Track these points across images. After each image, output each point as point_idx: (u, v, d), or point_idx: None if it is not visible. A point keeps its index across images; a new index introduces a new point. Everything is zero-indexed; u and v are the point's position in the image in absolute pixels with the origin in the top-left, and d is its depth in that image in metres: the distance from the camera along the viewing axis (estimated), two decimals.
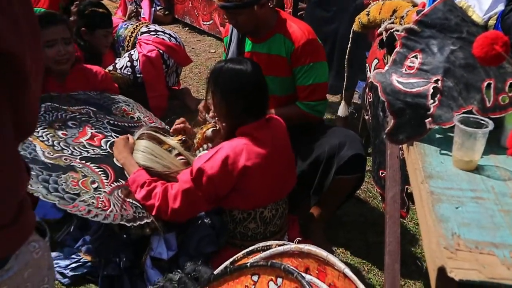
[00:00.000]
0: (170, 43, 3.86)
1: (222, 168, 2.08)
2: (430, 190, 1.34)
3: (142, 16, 6.40)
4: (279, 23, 2.63)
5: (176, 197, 2.13)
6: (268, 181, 2.21)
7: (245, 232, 2.27)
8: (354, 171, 2.48)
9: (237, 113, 2.16)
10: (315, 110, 2.63)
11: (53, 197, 2.06)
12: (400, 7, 2.59)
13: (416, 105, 1.55)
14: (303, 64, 2.57)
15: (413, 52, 1.64)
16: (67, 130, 2.54)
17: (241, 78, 2.15)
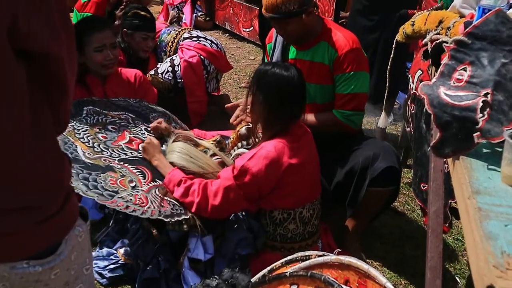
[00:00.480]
0: (211, 49, 3.90)
1: (266, 166, 2.12)
2: (478, 206, 1.30)
3: (183, 21, 6.51)
4: (325, 31, 2.63)
5: (217, 194, 2.15)
6: (307, 179, 2.26)
7: (285, 233, 2.29)
8: (388, 184, 2.46)
9: (276, 116, 2.21)
10: (350, 120, 2.60)
11: (93, 193, 2.11)
12: (446, 17, 2.54)
13: (464, 119, 1.51)
14: (344, 72, 2.56)
15: (462, 64, 1.60)
16: (107, 133, 2.60)
17: (285, 83, 2.20)
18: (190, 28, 4.32)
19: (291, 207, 2.26)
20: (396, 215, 3.10)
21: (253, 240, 2.25)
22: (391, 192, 2.55)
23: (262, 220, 2.30)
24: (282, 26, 2.55)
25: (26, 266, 1.17)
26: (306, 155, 2.25)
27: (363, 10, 3.72)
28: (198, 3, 6.92)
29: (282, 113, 2.20)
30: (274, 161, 2.13)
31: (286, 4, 2.45)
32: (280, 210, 2.26)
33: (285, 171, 2.15)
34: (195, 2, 6.78)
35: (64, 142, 2.41)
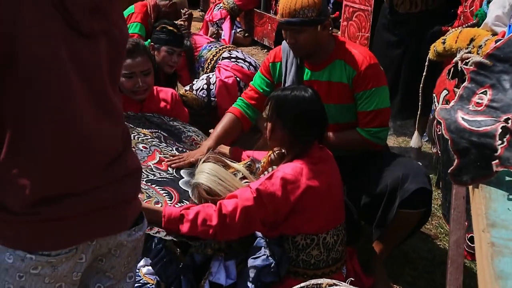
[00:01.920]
0: (248, 72, 3.88)
1: (283, 186, 2.08)
2: (491, 241, 1.23)
3: (222, 37, 6.58)
4: (338, 49, 2.56)
5: (235, 214, 2.09)
6: (329, 203, 2.21)
7: (308, 259, 2.23)
8: (419, 206, 2.36)
9: (298, 140, 2.18)
10: (376, 137, 2.53)
11: None
12: (478, 35, 2.46)
13: (482, 145, 1.43)
14: (365, 89, 2.49)
15: (482, 87, 1.53)
16: (137, 152, 2.60)
17: (307, 106, 2.17)
18: (231, 47, 4.30)
19: (314, 232, 2.20)
20: (428, 238, 2.99)
21: (276, 267, 2.20)
22: (422, 214, 2.45)
23: (285, 245, 2.24)
24: (294, 34, 2.48)
25: (134, 233, 1.38)
26: (328, 178, 2.19)
27: (388, 24, 3.65)
28: (237, 20, 6.99)
29: (303, 136, 2.17)
30: (291, 182, 2.09)
31: (305, 9, 2.40)
32: (303, 235, 2.20)
33: (304, 193, 2.10)
34: (234, 19, 6.86)
35: None
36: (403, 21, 3.63)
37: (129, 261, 1.42)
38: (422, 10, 3.56)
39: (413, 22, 3.56)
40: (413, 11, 3.58)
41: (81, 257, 1.28)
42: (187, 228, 2.11)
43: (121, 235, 1.34)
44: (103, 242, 1.31)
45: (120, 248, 1.36)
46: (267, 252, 2.19)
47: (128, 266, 1.43)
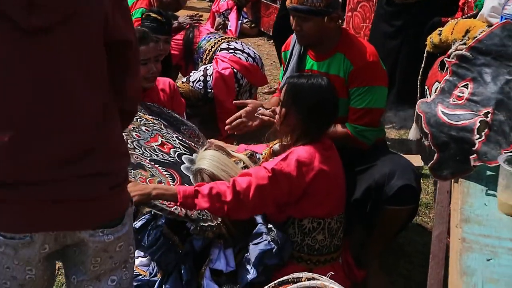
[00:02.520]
0: (245, 63, 3.85)
1: (298, 167, 2.09)
2: (462, 236, 1.22)
3: (229, 28, 6.56)
4: (342, 42, 2.54)
5: (248, 191, 2.08)
6: (336, 190, 2.23)
7: (313, 244, 2.24)
8: (406, 203, 2.34)
9: (312, 127, 2.19)
10: (362, 136, 2.49)
11: None
12: (474, 27, 2.41)
13: (461, 140, 1.42)
14: (359, 86, 2.46)
15: (463, 81, 1.51)
16: (140, 133, 2.61)
17: (324, 94, 2.19)
18: (231, 38, 4.27)
19: (321, 217, 2.21)
20: (424, 231, 2.96)
21: (279, 252, 2.20)
22: (410, 210, 2.43)
23: (290, 229, 2.24)
24: (300, 21, 2.46)
25: (101, 234, 1.37)
26: (336, 165, 2.23)
27: (385, 15, 3.59)
28: (244, 10, 6.95)
29: (317, 124, 2.19)
30: (306, 164, 2.11)
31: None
32: (310, 218, 2.21)
33: (316, 176, 2.11)
34: (241, 9, 6.82)
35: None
36: (400, 11, 3.55)
37: (101, 263, 1.42)
38: (420, 0, 3.48)
39: (411, 13, 3.49)
40: (410, 1, 3.50)
41: (44, 247, 1.31)
42: (203, 204, 2.10)
43: (82, 233, 1.35)
44: (67, 234, 1.34)
45: (82, 246, 1.37)
46: (268, 238, 2.19)
47: (102, 267, 1.43)
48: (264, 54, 5.96)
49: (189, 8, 7.86)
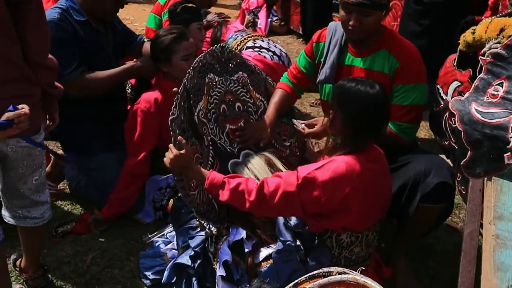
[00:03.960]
0: (269, 62, 3.83)
1: (332, 180, 2.03)
2: (496, 233, 1.22)
3: (258, 26, 6.58)
4: (385, 38, 2.52)
5: (275, 196, 2.08)
6: (378, 203, 2.19)
7: (349, 256, 2.23)
8: (441, 200, 2.32)
9: (356, 135, 2.11)
10: (404, 133, 2.49)
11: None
12: (508, 25, 2.37)
13: (495, 137, 1.42)
14: (405, 83, 2.45)
15: (498, 79, 1.51)
16: (230, 109, 2.60)
17: (369, 102, 2.08)
18: (258, 36, 4.25)
19: (360, 231, 2.19)
20: (454, 231, 2.94)
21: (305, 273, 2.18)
22: (443, 209, 2.41)
23: (328, 242, 2.21)
24: (360, 16, 2.40)
25: (26, 142, 2.02)
26: (379, 177, 2.15)
27: (414, 14, 3.57)
28: (273, 8, 6.98)
29: (362, 133, 2.10)
30: (342, 177, 2.03)
31: None
32: (349, 233, 2.18)
33: (351, 192, 2.04)
34: (270, 7, 6.84)
35: (199, 87, 2.45)
36: (428, 10, 3.54)
37: (27, 165, 2.11)
38: None
39: (438, 12, 3.47)
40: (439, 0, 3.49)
41: None
42: (226, 196, 2.15)
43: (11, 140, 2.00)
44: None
45: (12, 152, 2.05)
46: (298, 257, 2.16)
47: (27, 169, 2.12)
48: (294, 52, 5.96)
49: (219, 6, 7.93)
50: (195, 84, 2.41)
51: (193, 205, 2.30)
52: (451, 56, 2.22)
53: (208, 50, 2.55)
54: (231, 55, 2.66)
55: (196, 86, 2.42)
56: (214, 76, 2.53)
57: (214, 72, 2.53)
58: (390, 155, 2.52)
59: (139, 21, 7.24)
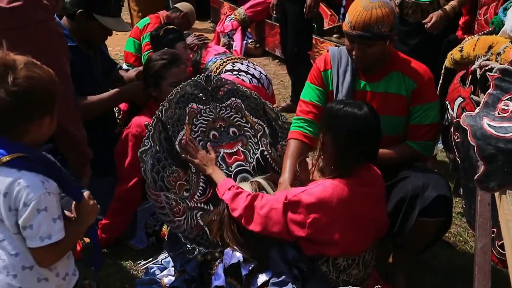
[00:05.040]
0: (248, 85, 3.69)
1: (318, 202, 2.05)
2: None
3: (234, 48, 6.61)
4: (394, 61, 2.54)
5: (263, 208, 2.13)
6: (373, 224, 2.20)
7: (348, 279, 2.22)
8: (439, 214, 2.35)
9: (346, 157, 2.12)
10: (427, 150, 2.55)
11: (150, 176, 2.29)
12: (496, 43, 2.46)
13: (510, 152, 1.45)
14: (423, 102, 2.48)
15: (507, 94, 1.55)
16: (222, 134, 2.58)
17: (358, 124, 2.09)
18: (237, 58, 4.20)
19: (356, 254, 2.19)
20: (448, 246, 2.98)
21: None
22: (442, 223, 2.43)
23: (324, 267, 2.19)
24: (363, 47, 2.41)
25: None
26: (371, 200, 2.15)
27: (400, 34, 3.63)
28: (248, 31, 7.02)
29: (352, 156, 2.11)
30: (328, 202, 2.04)
31: (379, 24, 2.35)
32: (345, 256, 2.18)
33: (340, 217, 2.06)
34: (245, 30, 6.89)
35: (178, 118, 2.45)
36: (414, 30, 3.63)
37: None
38: None
39: (425, 31, 3.56)
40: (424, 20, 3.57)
41: None
42: (228, 196, 2.24)
43: None
44: None
45: None
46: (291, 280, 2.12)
47: None
48: (271, 73, 6.00)
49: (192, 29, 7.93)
50: (172, 115, 2.43)
51: (180, 230, 2.30)
52: (460, 73, 2.26)
53: (188, 81, 2.57)
54: (220, 82, 2.67)
55: (175, 117, 2.44)
56: (198, 106, 2.55)
57: (197, 102, 2.54)
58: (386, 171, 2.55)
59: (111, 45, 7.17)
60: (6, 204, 1.57)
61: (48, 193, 1.58)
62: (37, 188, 1.56)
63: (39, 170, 1.59)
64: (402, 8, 3.62)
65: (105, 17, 2.72)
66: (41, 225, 1.56)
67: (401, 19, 3.67)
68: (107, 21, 2.73)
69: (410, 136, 2.53)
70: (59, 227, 1.61)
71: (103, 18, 2.71)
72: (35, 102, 1.57)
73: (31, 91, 1.55)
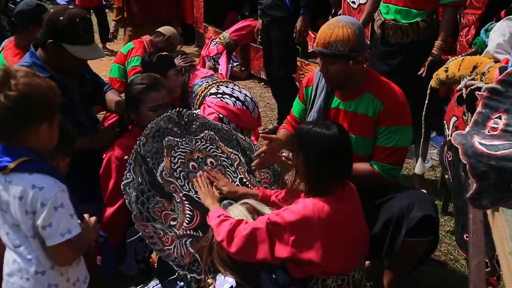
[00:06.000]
0: (232, 108, 3.74)
1: (300, 220, 2.04)
2: None
3: (219, 72, 6.64)
4: (370, 82, 2.57)
5: (245, 228, 2.13)
6: (354, 241, 2.18)
7: None
8: (426, 234, 2.35)
9: (319, 177, 2.13)
10: (389, 174, 2.52)
11: (135, 208, 2.29)
12: (481, 63, 2.51)
13: (501, 169, 1.46)
14: (388, 125, 2.49)
15: (496, 112, 1.57)
16: (201, 165, 2.62)
17: (327, 144, 2.10)
18: (222, 81, 4.20)
19: (344, 272, 2.17)
20: (438, 265, 2.98)
21: None
22: (430, 242, 2.44)
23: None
24: (326, 64, 2.49)
25: None
26: (349, 216, 2.15)
27: (382, 55, 3.70)
28: (233, 54, 7.08)
29: (325, 174, 2.11)
30: (309, 219, 2.04)
31: (338, 43, 2.40)
32: (334, 277, 2.15)
33: (322, 234, 2.05)
34: (230, 53, 6.94)
35: (156, 151, 2.48)
36: (396, 51, 3.68)
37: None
38: (414, 40, 3.61)
39: (407, 51, 3.61)
40: (405, 41, 3.62)
41: None
42: (214, 223, 2.24)
43: None
44: None
45: None
46: None
47: None
48: (257, 96, 6.04)
49: None
50: (150, 149, 2.47)
51: (171, 259, 2.28)
52: (457, 93, 2.30)
53: (161, 116, 2.62)
54: (191, 117, 2.74)
55: (153, 150, 2.48)
56: (174, 139, 2.60)
57: (173, 135, 2.60)
58: (372, 192, 2.56)
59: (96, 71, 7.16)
60: (22, 208, 1.66)
61: (62, 191, 1.69)
62: (51, 187, 1.66)
63: (49, 171, 1.69)
64: (384, 29, 3.67)
65: (75, 46, 2.70)
66: (60, 221, 1.67)
67: (382, 40, 3.74)
68: (77, 50, 2.70)
69: (374, 156, 2.54)
70: (76, 222, 1.72)
71: (72, 47, 2.68)
72: (33, 107, 1.66)
73: (30, 96, 1.63)
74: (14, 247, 1.74)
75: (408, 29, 3.57)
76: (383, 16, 3.70)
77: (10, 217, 1.71)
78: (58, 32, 2.66)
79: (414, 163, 3.86)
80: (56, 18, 2.66)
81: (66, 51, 2.69)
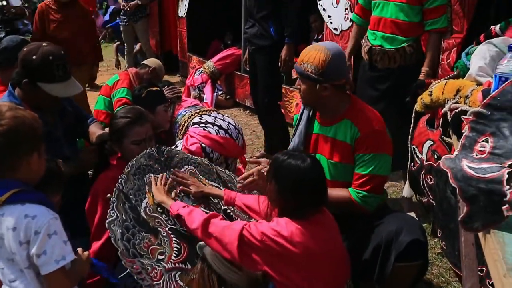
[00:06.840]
0: (214, 137, 3.71)
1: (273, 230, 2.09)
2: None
3: (205, 101, 6.66)
4: (350, 109, 2.58)
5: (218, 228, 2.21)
6: (331, 267, 2.17)
7: None
8: (415, 258, 2.35)
9: (292, 207, 2.15)
10: (365, 202, 2.50)
11: (122, 245, 2.26)
12: (464, 86, 2.54)
13: (491, 192, 1.48)
14: (365, 152, 2.49)
15: (483, 136, 1.59)
16: (183, 200, 2.61)
17: (300, 175, 2.13)
18: (205, 111, 4.11)
19: None
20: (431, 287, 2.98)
21: None
22: (420, 266, 2.43)
23: None
24: (300, 80, 2.59)
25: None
26: (325, 241, 2.16)
27: (370, 80, 3.74)
28: (218, 83, 7.11)
29: (297, 204, 2.14)
30: (281, 232, 2.08)
31: (308, 64, 2.48)
32: None
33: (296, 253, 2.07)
34: (215, 82, 6.98)
35: (138, 188, 2.49)
36: (384, 76, 3.72)
37: None
38: (402, 65, 3.66)
39: (395, 77, 3.66)
40: (393, 66, 3.67)
41: None
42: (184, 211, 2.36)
43: None
44: None
45: None
46: None
47: None
48: (242, 124, 6.05)
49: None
50: (132, 186, 2.49)
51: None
52: (424, 117, 2.32)
53: (142, 153, 2.64)
54: (171, 153, 2.79)
55: (135, 187, 2.49)
56: (155, 175, 2.62)
57: (154, 172, 2.62)
58: (359, 218, 2.56)
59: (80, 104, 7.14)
60: (16, 239, 1.69)
61: (55, 218, 1.73)
62: (44, 215, 1.70)
63: (40, 200, 1.74)
64: (371, 55, 3.72)
65: (50, 84, 2.69)
66: (55, 248, 1.70)
67: (370, 65, 3.78)
68: (53, 88, 2.69)
69: (352, 182, 2.54)
70: (70, 249, 1.77)
71: (48, 85, 2.68)
72: (22, 138, 1.72)
73: (17, 129, 1.71)
74: (9, 282, 1.75)
75: (395, 54, 3.62)
76: (370, 42, 3.75)
77: (5, 251, 1.73)
78: (32, 71, 2.66)
79: (402, 186, 3.89)
80: (29, 57, 2.66)
81: (41, 89, 2.68)
